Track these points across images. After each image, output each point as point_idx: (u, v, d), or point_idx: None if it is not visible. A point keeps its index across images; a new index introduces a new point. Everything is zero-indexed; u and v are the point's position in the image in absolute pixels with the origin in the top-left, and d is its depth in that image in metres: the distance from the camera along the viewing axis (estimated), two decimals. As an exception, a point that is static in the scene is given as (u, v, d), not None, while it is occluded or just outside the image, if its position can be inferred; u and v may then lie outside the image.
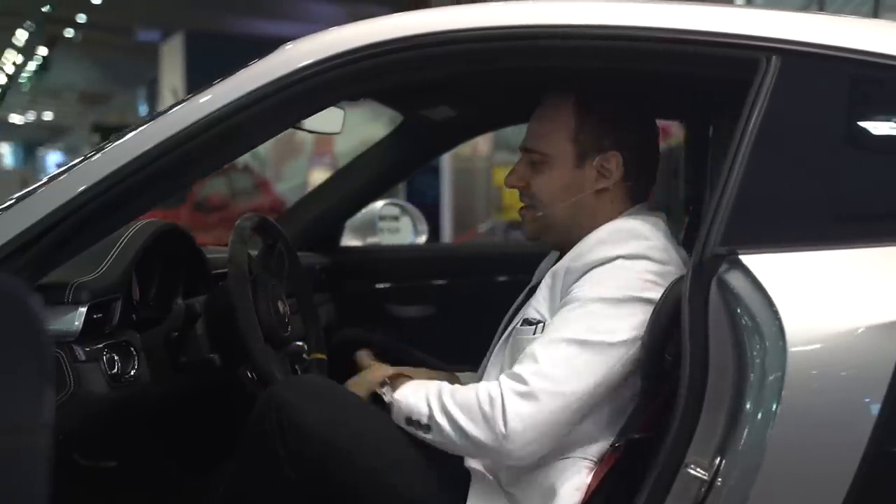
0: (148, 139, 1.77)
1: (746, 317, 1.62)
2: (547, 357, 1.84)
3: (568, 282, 1.92)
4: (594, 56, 1.87)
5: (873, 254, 1.67)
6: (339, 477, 1.87)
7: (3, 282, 0.80)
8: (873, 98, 1.78)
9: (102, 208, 1.75)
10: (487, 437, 1.82)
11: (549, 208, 2.04)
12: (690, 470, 1.67)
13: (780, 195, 1.73)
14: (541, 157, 2.04)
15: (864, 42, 1.77)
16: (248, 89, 1.80)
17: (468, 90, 2.47)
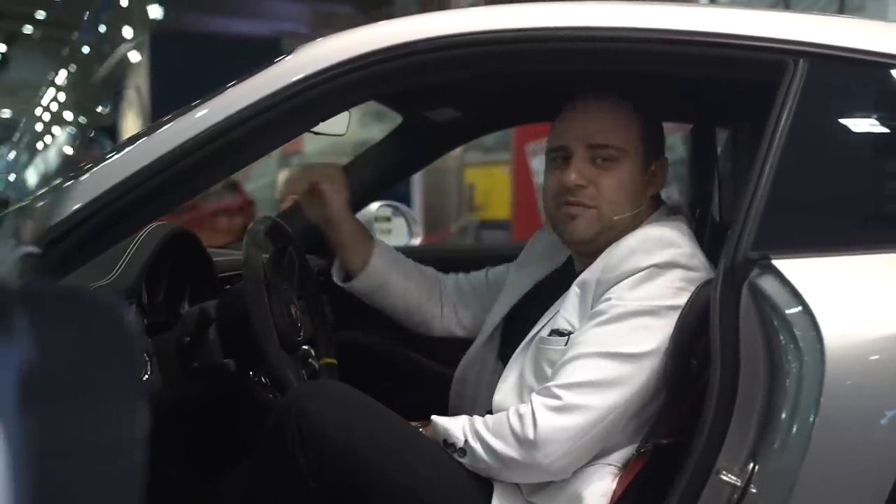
0: (161, 145, 1.74)
1: (781, 322, 1.61)
2: (579, 370, 1.83)
3: (599, 293, 1.89)
4: (624, 59, 1.86)
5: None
6: (360, 484, 1.84)
7: (100, 295, 0.77)
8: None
9: (126, 208, 1.71)
10: (519, 454, 1.81)
11: (619, 209, 1.99)
12: (722, 476, 1.66)
13: (812, 199, 1.72)
14: (617, 152, 1.99)
15: (890, 45, 1.77)
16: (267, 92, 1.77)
17: (481, 91, 2.45)
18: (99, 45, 18.64)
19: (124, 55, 17.59)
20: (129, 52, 17.31)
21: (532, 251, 2.28)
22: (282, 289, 2.11)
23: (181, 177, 1.75)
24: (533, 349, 1.99)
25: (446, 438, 1.90)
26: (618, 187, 1.99)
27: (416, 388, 2.70)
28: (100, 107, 21.13)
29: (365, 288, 2.32)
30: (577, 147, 2.00)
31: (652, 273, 1.86)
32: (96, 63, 19.31)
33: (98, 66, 19.06)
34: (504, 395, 1.99)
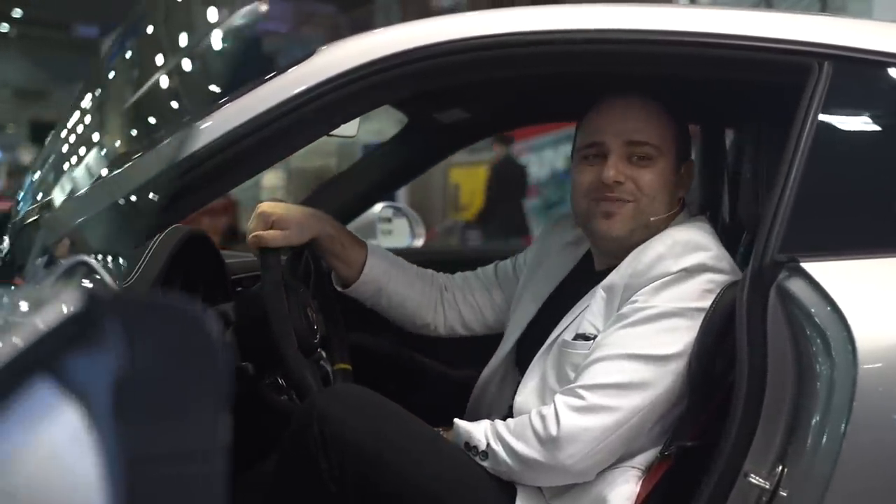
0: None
1: (810, 325, 1.61)
2: (604, 371, 1.82)
3: (626, 297, 1.89)
4: (647, 61, 1.86)
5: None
6: (382, 489, 1.83)
7: (184, 306, 0.76)
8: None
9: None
10: (542, 455, 1.80)
11: (658, 206, 1.99)
12: (750, 479, 1.66)
13: (840, 201, 1.73)
14: (653, 150, 1.98)
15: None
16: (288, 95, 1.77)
17: (492, 92, 2.44)
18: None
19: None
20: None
21: (545, 249, 2.26)
22: (298, 291, 2.09)
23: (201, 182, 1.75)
24: (555, 352, 1.98)
25: (468, 441, 1.89)
26: (655, 183, 1.98)
27: (422, 390, 2.70)
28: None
29: (363, 294, 2.29)
30: (615, 143, 1.99)
31: (681, 276, 1.85)
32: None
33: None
34: (526, 398, 1.98)
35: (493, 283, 2.36)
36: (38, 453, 0.69)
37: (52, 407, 0.68)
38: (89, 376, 0.70)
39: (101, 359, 0.70)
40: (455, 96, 2.50)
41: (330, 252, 2.21)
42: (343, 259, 2.23)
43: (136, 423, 0.74)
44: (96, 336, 0.70)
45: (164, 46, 1.81)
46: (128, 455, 0.72)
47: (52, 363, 0.69)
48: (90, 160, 1.86)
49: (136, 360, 0.73)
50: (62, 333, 0.69)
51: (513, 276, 2.32)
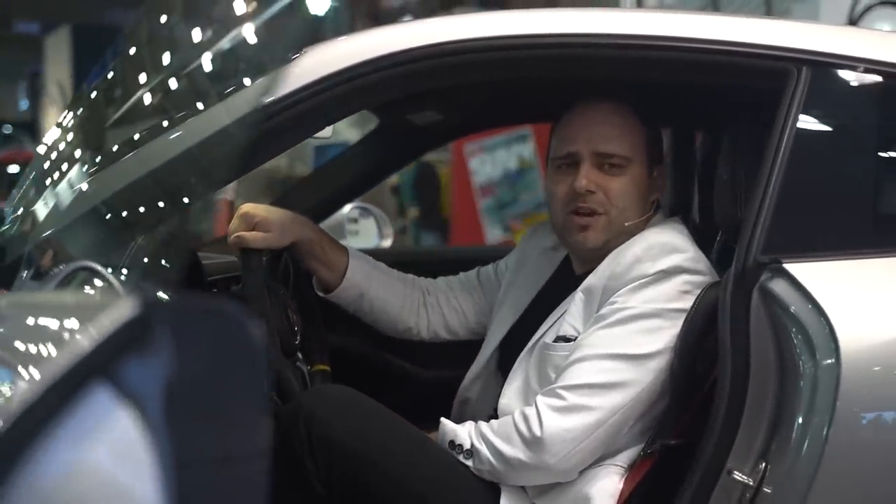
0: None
1: (794, 325, 1.65)
2: (584, 372, 1.85)
3: (605, 299, 1.91)
4: (625, 66, 1.89)
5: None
6: (369, 490, 1.84)
7: (227, 308, 0.76)
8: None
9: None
10: (526, 455, 1.83)
11: (629, 215, 2.01)
12: (734, 475, 1.69)
13: (820, 203, 1.76)
14: (621, 160, 2.00)
15: (890, 54, 1.82)
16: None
17: (469, 94, 2.45)
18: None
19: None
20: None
21: (527, 252, 2.28)
22: (279, 293, 2.09)
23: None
24: (537, 355, 2.00)
25: (453, 440, 1.91)
26: (627, 193, 2.00)
27: (398, 391, 2.70)
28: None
29: (345, 299, 2.28)
30: (586, 152, 2.01)
31: (658, 278, 1.88)
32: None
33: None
34: (509, 400, 2.00)
35: (475, 287, 2.37)
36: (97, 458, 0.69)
37: (110, 412, 0.68)
38: (143, 381, 0.70)
39: (153, 364, 0.71)
40: (429, 98, 2.50)
41: (311, 256, 2.20)
42: (324, 263, 2.22)
43: (183, 427, 0.74)
44: (149, 341, 0.70)
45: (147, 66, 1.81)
46: (178, 459, 0.72)
47: (108, 369, 0.69)
48: (68, 177, 1.86)
49: (184, 365, 0.73)
50: (118, 339, 0.70)
51: (495, 281, 2.33)
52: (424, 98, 2.48)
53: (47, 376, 0.67)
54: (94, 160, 1.86)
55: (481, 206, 8.02)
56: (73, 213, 1.77)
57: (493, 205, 8.11)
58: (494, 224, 8.13)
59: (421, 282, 2.38)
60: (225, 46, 1.75)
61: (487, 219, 8.04)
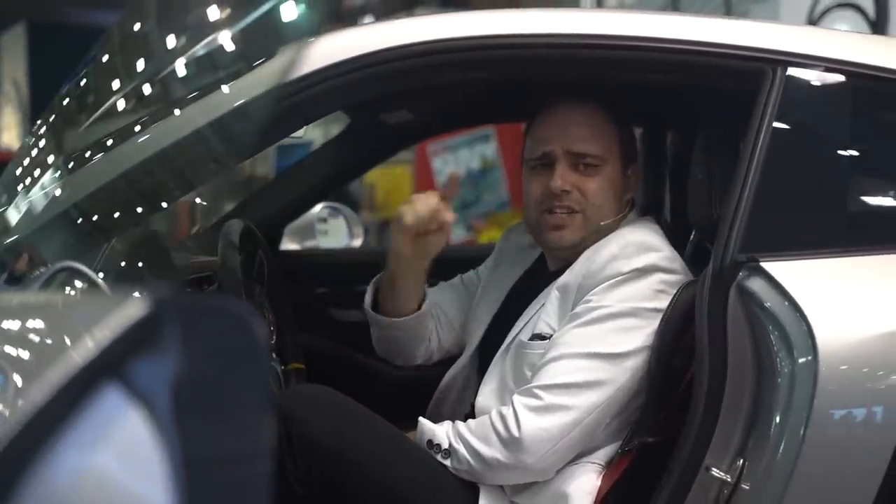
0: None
1: (771, 323, 1.67)
2: (559, 371, 1.86)
3: (580, 297, 1.92)
4: (604, 66, 1.90)
5: (893, 259, 1.74)
6: (348, 489, 1.84)
7: (233, 306, 0.76)
8: (876, 108, 1.87)
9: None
10: (503, 454, 1.83)
11: (604, 213, 2.02)
12: (712, 472, 1.71)
13: (797, 202, 1.78)
14: (596, 160, 2.01)
15: (864, 56, 1.84)
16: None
17: (443, 93, 2.46)
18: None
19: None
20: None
21: (504, 251, 2.29)
22: (255, 292, 2.09)
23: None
24: (513, 353, 2.00)
25: (431, 439, 1.91)
26: (602, 192, 2.01)
27: (370, 390, 2.70)
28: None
29: (399, 333, 2.20)
30: (560, 153, 2.02)
31: (633, 276, 1.89)
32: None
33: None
34: (486, 398, 2.00)
35: (463, 296, 2.34)
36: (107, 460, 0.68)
37: (121, 412, 0.68)
38: (153, 381, 0.70)
39: (162, 363, 0.70)
40: (401, 98, 2.50)
41: (407, 278, 2.11)
42: (409, 291, 2.14)
43: (189, 426, 0.74)
44: (159, 340, 0.70)
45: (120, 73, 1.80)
46: (186, 458, 0.72)
47: (119, 368, 0.68)
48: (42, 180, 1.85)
49: (191, 364, 0.73)
50: (128, 339, 0.69)
51: (478, 285, 2.33)
52: (396, 98, 2.48)
53: (58, 378, 0.66)
54: (68, 163, 1.85)
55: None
56: (46, 216, 1.75)
57: (455, 204, 8.13)
58: (457, 224, 8.13)
59: (433, 308, 2.28)
60: (200, 51, 1.75)
61: (450, 218, 8.09)
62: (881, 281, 1.73)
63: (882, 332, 1.65)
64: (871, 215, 1.83)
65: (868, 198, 1.83)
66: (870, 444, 1.64)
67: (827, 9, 5.30)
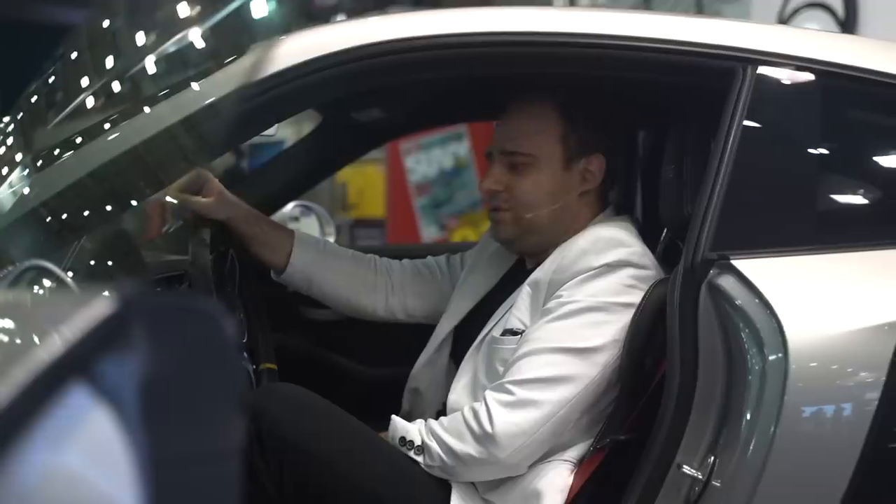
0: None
1: (742, 321, 1.68)
2: (531, 366, 1.86)
3: (551, 292, 1.93)
4: (577, 63, 1.90)
5: (861, 257, 1.75)
6: (320, 488, 1.84)
7: (201, 304, 0.75)
8: (846, 106, 1.88)
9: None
10: (476, 450, 1.83)
11: (535, 211, 2.03)
12: (683, 469, 1.71)
13: (767, 200, 1.79)
14: (526, 158, 2.02)
15: (834, 55, 1.85)
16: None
17: (415, 91, 2.45)
18: None
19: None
20: None
21: (482, 254, 2.29)
22: (225, 291, 2.07)
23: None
24: (485, 349, 2.01)
25: (404, 436, 1.90)
26: (530, 191, 2.03)
27: (343, 390, 2.69)
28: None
29: (292, 283, 2.29)
30: (496, 151, 2.07)
31: (603, 271, 1.90)
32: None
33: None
34: (458, 395, 2.01)
35: (442, 272, 2.38)
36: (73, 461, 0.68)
37: (87, 412, 0.67)
38: (120, 380, 0.69)
39: (130, 362, 0.70)
40: (373, 96, 2.50)
41: (250, 236, 2.20)
42: (266, 244, 2.23)
43: (157, 426, 0.73)
44: (126, 339, 0.69)
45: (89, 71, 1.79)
46: (153, 459, 0.71)
47: (86, 367, 0.68)
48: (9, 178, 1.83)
49: (160, 363, 0.72)
50: (95, 337, 0.68)
51: (460, 272, 2.34)
52: (368, 96, 2.47)
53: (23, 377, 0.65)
54: (36, 161, 1.83)
55: (417, 205, 8.03)
56: (14, 214, 1.74)
57: (428, 203, 8.11)
58: (430, 223, 8.13)
59: (382, 262, 2.38)
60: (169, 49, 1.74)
61: (423, 217, 8.04)
62: (851, 278, 1.74)
63: (851, 329, 1.66)
64: (840, 213, 1.85)
65: (838, 196, 1.85)
66: (840, 440, 1.65)
67: (797, 8, 5.33)
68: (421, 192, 8.07)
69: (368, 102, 2.56)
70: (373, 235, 8.56)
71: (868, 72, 1.84)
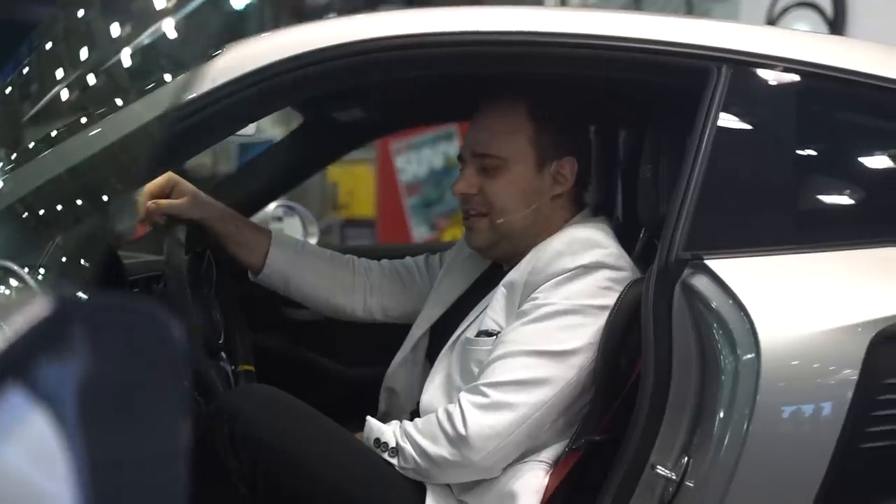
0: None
1: (714, 320, 1.67)
2: (506, 368, 1.86)
3: (526, 293, 1.92)
4: (550, 63, 1.89)
5: (835, 256, 1.75)
6: (294, 490, 1.83)
7: (145, 307, 0.74)
8: (820, 106, 1.87)
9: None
10: (450, 452, 1.83)
11: (507, 216, 2.01)
12: (657, 470, 1.71)
13: (740, 200, 1.79)
14: (496, 161, 2.01)
15: (809, 54, 1.85)
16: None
17: (391, 91, 2.45)
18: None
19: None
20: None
21: (458, 255, 2.28)
22: (202, 291, 2.07)
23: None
24: (459, 349, 2.00)
25: (378, 437, 1.90)
26: (504, 193, 2.01)
27: (322, 391, 2.68)
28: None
29: (270, 284, 2.27)
30: (467, 154, 2.06)
31: (579, 273, 1.89)
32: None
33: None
34: (432, 396, 2.00)
35: (423, 274, 2.37)
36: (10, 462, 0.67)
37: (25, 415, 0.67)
38: (59, 383, 0.68)
39: (68, 364, 0.69)
40: (353, 96, 2.49)
41: (226, 236, 2.18)
42: (243, 244, 2.21)
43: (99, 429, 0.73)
44: (65, 341, 0.69)
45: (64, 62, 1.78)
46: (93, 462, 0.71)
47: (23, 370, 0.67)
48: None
49: (101, 365, 0.72)
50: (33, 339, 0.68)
51: (438, 272, 2.33)
52: (348, 95, 2.47)
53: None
54: (10, 157, 1.82)
55: (407, 205, 8.03)
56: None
57: (419, 203, 8.11)
58: (421, 222, 8.13)
59: (361, 262, 2.37)
60: (145, 42, 1.73)
61: (414, 217, 8.05)
62: (825, 278, 1.74)
63: (825, 328, 1.66)
64: (814, 213, 1.85)
65: (811, 196, 1.85)
66: (812, 439, 1.65)
67: (785, 8, 5.33)
68: (411, 192, 8.07)
69: (349, 102, 2.55)
70: (363, 235, 8.56)
71: (843, 71, 1.83)
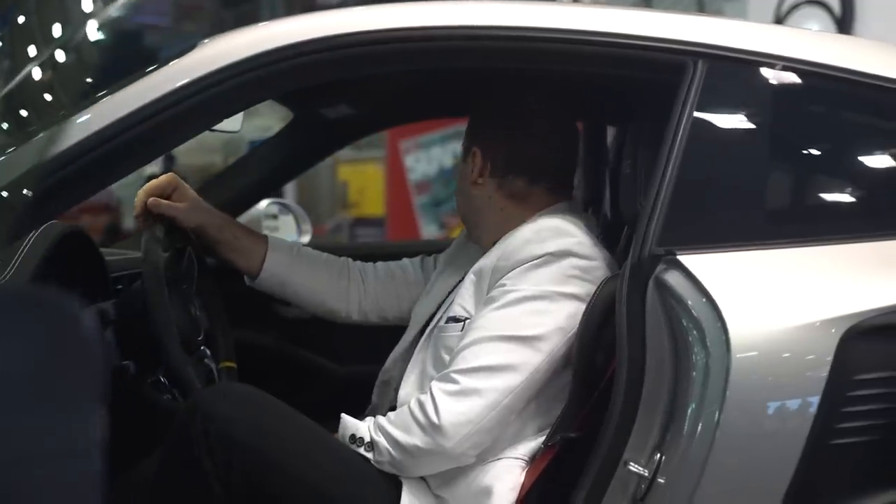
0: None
1: (686, 317, 1.66)
2: (475, 354, 1.86)
3: (494, 280, 1.93)
4: (526, 58, 1.89)
5: (807, 252, 1.74)
6: (270, 488, 1.82)
7: (56, 299, 0.74)
8: (795, 101, 1.86)
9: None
10: (423, 441, 1.82)
11: (462, 211, 2.17)
12: (630, 467, 1.70)
13: (714, 196, 1.78)
14: (463, 151, 2.14)
15: (785, 48, 1.83)
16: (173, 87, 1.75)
17: (378, 88, 2.44)
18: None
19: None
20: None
21: (452, 255, 2.30)
22: (181, 288, 2.07)
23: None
24: (433, 339, 2.02)
25: (354, 433, 1.90)
26: (459, 188, 2.16)
27: (308, 388, 2.68)
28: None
29: (266, 288, 2.27)
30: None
31: (546, 260, 1.90)
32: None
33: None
34: (408, 390, 2.00)
35: (418, 275, 2.37)
36: None
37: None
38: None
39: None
40: (342, 92, 2.49)
41: (221, 242, 2.19)
42: (240, 250, 2.21)
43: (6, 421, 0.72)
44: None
45: (36, 37, 1.77)
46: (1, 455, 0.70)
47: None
48: None
49: (5, 356, 0.71)
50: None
51: (433, 273, 2.34)
52: (335, 91, 2.47)
53: None
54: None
55: (417, 203, 8.05)
56: None
57: (428, 202, 8.12)
58: (430, 221, 8.14)
59: (356, 265, 2.37)
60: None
61: (423, 216, 8.06)
62: (797, 274, 1.72)
63: (795, 324, 1.64)
64: (787, 209, 1.84)
65: (784, 191, 1.83)
66: (783, 435, 1.63)
67: (794, 6, 5.31)
68: (421, 191, 8.08)
69: (338, 98, 2.55)
70: (373, 234, 8.58)
71: (820, 66, 1.82)
